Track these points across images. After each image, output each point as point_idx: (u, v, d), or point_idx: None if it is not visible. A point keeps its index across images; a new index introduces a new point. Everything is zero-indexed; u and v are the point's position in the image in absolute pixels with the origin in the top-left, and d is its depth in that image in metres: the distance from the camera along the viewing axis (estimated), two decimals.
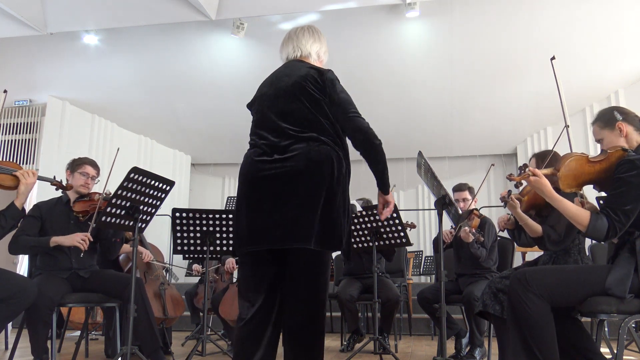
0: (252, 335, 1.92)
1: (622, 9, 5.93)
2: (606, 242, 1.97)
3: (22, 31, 6.03)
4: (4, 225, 2.72)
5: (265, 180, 1.93)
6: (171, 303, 3.88)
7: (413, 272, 7.27)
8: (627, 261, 1.96)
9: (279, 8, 5.94)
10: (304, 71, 2.03)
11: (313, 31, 2.21)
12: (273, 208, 1.90)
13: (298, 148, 1.92)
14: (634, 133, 2.12)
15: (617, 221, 1.92)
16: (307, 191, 1.88)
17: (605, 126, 2.16)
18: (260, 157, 1.96)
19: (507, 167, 9.55)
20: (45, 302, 2.81)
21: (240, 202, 1.99)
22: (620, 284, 1.91)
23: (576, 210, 2.00)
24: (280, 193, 1.90)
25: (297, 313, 1.92)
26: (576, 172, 2.08)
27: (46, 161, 7.33)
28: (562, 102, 2.41)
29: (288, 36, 2.22)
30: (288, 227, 1.86)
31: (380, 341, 3.51)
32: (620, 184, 1.95)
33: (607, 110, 2.20)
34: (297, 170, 1.89)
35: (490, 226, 3.72)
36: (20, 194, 2.76)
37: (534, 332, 1.95)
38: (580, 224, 1.97)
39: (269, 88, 2.08)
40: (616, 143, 2.11)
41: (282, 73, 2.10)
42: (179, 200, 9.17)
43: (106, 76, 7.34)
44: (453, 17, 6.23)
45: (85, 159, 3.29)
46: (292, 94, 1.99)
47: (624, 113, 2.15)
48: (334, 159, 1.94)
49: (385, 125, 8.56)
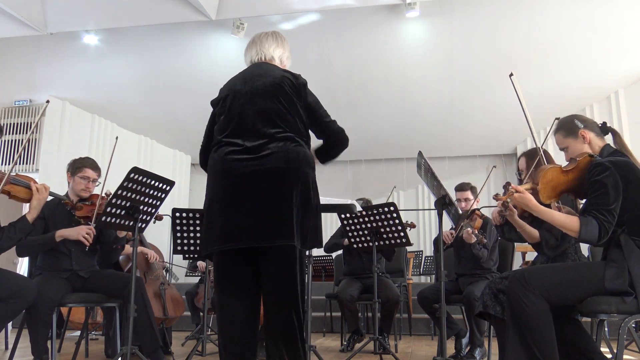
0: (242, 334, 1.93)
1: (622, 9, 5.92)
2: (600, 243, 2.01)
3: (22, 31, 6.03)
4: (12, 237, 2.73)
5: (243, 178, 1.92)
6: (171, 303, 3.88)
7: (413, 272, 7.27)
8: (617, 256, 2.00)
9: (279, 8, 5.93)
10: (278, 73, 2.06)
11: (276, 36, 2.24)
12: (254, 205, 1.90)
13: (276, 147, 1.94)
14: (595, 139, 2.23)
15: (605, 221, 1.97)
16: (289, 190, 1.91)
17: (569, 135, 2.26)
18: (237, 155, 1.95)
19: (507, 167, 9.55)
20: (45, 302, 2.81)
21: (213, 201, 1.97)
22: (617, 278, 1.94)
23: (564, 219, 2.05)
24: (260, 190, 1.91)
25: (279, 309, 1.92)
26: (553, 182, 2.15)
27: (46, 161, 7.33)
28: (527, 119, 2.47)
29: (252, 41, 2.24)
30: (272, 224, 1.87)
31: (380, 341, 3.51)
32: (598, 186, 2.02)
33: (567, 119, 2.31)
34: (276, 168, 1.91)
35: (492, 227, 3.72)
36: (32, 208, 2.77)
37: (533, 331, 1.96)
38: (572, 230, 2.02)
39: (242, 86, 2.07)
40: (580, 150, 2.21)
41: (254, 72, 2.10)
42: (179, 200, 9.17)
43: (106, 76, 7.33)
44: (453, 17, 6.23)
45: (86, 161, 3.26)
46: (271, 94, 2.01)
47: (584, 121, 2.26)
48: (309, 160, 2.01)
49: (385, 125, 8.58)
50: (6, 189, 2.68)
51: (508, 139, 9.07)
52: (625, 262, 1.96)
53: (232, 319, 1.95)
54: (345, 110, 7.94)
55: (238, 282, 1.98)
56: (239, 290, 1.98)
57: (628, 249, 1.97)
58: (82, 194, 3.20)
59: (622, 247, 1.98)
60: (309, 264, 3.13)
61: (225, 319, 1.97)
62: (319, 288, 6.64)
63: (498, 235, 3.72)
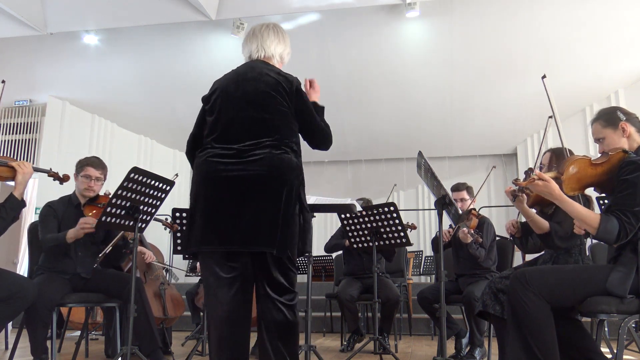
0: (232, 333, 1.92)
1: (622, 9, 5.93)
2: (617, 244, 1.96)
3: (22, 31, 6.03)
4: (4, 217, 2.70)
5: (227, 182, 1.91)
6: (171, 303, 3.88)
7: (413, 272, 7.27)
8: (629, 261, 1.95)
9: (279, 8, 5.94)
10: (272, 79, 2.01)
11: (278, 31, 2.19)
12: (236, 210, 1.89)
13: (261, 153, 1.92)
14: (636, 134, 2.11)
15: (627, 223, 1.90)
16: (270, 196, 1.89)
17: (608, 125, 2.13)
18: (222, 159, 1.95)
19: (507, 167, 9.55)
20: (44, 302, 2.81)
21: (197, 201, 1.96)
22: (621, 284, 1.91)
23: (586, 213, 1.98)
24: (242, 196, 1.90)
25: (275, 310, 1.92)
26: (579, 174, 2.07)
27: (46, 161, 7.32)
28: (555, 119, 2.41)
29: (252, 33, 2.18)
30: (252, 230, 1.87)
31: (380, 341, 3.51)
32: (627, 185, 1.94)
33: (609, 109, 2.18)
34: (259, 175, 1.90)
35: (489, 226, 3.72)
36: (18, 184, 2.74)
37: (533, 331, 1.95)
38: (591, 225, 1.95)
39: (235, 89, 2.03)
40: (617, 143, 2.09)
41: (247, 74, 2.05)
42: (179, 200, 9.17)
43: (106, 76, 7.34)
44: (453, 17, 6.23)
45: (88, 160, 3.25)
46: (261, 102, 1.98)
47: (627, 114, 2.14)
48: (294, 168, 1.97)
49: (385, 125, 8.58)
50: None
51: (508, 139, 9.08)
52: (634, 269, 1.92)
53: (221, 317, 1.93)
54: (345, 110, 7.95)
55: (226, 280, 1.94)
56: (226, 287, 1.94)
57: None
58: (86, 193, 3.19)
59: (639, 253, 1.93)
60: (308, 264, 3.13)
61: (214, 317, 1.95)
62: (319, 288, 6.65)
63: (495, 235, 3.72)
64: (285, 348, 1.91)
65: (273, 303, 1.92)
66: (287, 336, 1.92)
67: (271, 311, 1.92)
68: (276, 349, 1.90)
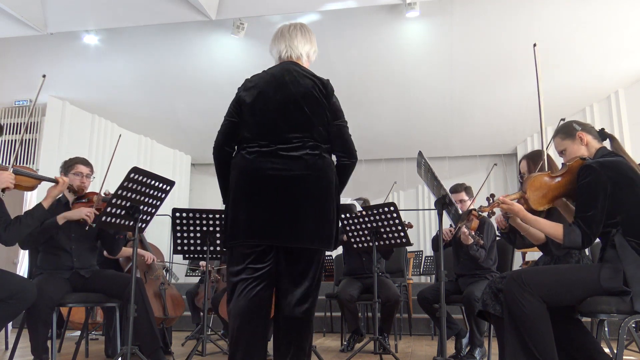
0: (256, 325, 1.98)
1: (623, 9, 5.93)
2: (586, 248, 2.03)
3: (22, 31, 6.03)
4: (30, 224, 2.79)
5: (270, 180, 1.99)
6: (171, 303, 3.88)
7: (413, 272, 7.27)
8: (612, 256, 2.00)
9: (279, 8, 5.94)
10: (309, 82, 2.09)
11: (305, 31, 2.25)
12: (280, 207, 1.97)
13: (305, 154, 2.01)
14: (593, 141, 2.24)
15: (587, 229, 1.99)
16: (313, 195, 2.00)
17: (567, 137, 2.27)
18: (264, 158, 2.01)
19: (507, 167, 9.55)
20: (45, 302, 2.81)
21: (239, 198, 2.02)
22: (612, 278, 1.95)
23: (550, 226, 2.09)
24: (286, 194, 1.98)
25: (301, 306, 2.03)
26: (542, 189, 2.17)
27: (46, 161, 7.33)
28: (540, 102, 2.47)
29: (280, 33, 2.22)
30: (297, 226, 1.97)
31: (380, 341, 3.51)
32: (581, 192, 2.05)
33: (566, 123, 2.34)
34: (302, 175, 1.99)
35: (489, 226, 3.71)
36: (50, 197, 2.87)
37: (531, 331, 1.97)
38: (557, 237, 2.05)
39: (274, 92, 2.07)
40: (578, 152, 2.22)
41: (285, 78, 2.09)
42: (179, 200, 9.18)
43: (106, 76, 7.34)
44: (453, 17, 6.23)
45: (76, 159, 3.31)
46: (302, 106, 2.05)
47: (582, 124, 2.29)
48: (334, 168, 2.09)
49: (385, 125, 8.59)
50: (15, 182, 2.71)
51: (508, 139, 9.08)
52: (620, 262, 1.96)
53: (248, 311, 1.99)
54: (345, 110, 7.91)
55: (259, 275, 2.02)
56: (257, 281, 2.01)
57: (622, 250, 1.97)
58: (81, 189, 3.21)
59: (617, 248, 1.99)
60: None
61: (241, 310, 1.99)
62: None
63: (495, 235, 3.72)
64: (304, 343, 2.03)
65: (296, 298, 2.02)
66: (305, 332, 2.04)
67: (292, 306, 2.02)
68: (297, 343, 2.01)
